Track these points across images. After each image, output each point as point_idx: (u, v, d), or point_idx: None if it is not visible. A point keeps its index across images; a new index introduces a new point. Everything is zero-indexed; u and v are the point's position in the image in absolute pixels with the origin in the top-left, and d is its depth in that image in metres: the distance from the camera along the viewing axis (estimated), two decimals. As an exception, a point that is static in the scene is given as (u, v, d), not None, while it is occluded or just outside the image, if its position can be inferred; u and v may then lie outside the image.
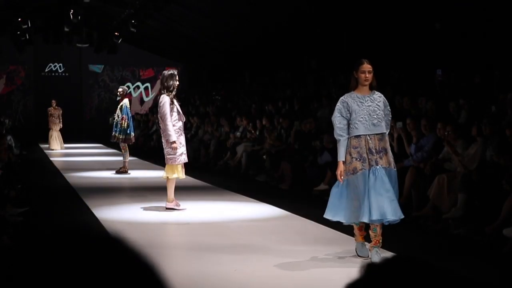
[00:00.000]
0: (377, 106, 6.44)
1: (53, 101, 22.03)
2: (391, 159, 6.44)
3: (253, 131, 15.24)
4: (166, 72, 9.56)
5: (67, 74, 29.88)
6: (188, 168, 10.32)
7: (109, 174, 14.67)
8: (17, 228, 7.71)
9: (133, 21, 20.93)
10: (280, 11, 17.03)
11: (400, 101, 11.49)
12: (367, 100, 6.44)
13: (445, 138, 8.79)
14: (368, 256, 6.41)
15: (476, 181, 7.89)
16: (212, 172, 15.27)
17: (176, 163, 9.41)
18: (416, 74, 12.92)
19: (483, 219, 7.57)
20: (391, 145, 9.84)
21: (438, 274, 1.12)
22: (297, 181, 12.06)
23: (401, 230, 8.11)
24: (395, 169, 6.46)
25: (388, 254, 6.04)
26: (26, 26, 21.57)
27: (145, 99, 30.62)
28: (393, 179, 6.37)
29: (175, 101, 9.38)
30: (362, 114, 6.38)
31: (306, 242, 7.28)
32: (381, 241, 6.36)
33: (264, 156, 13.75)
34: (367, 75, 6.42)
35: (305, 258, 6.50)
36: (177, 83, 9.46)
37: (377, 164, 6.29)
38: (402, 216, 6.36)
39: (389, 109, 6.61)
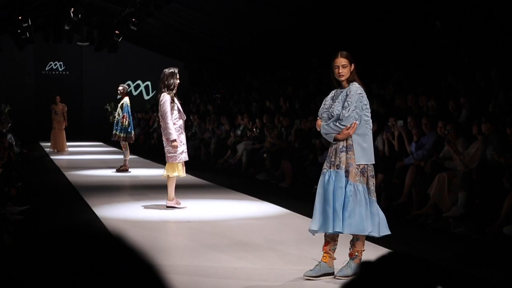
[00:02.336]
0: (336, 102, 5.85)
1: (58, 97, 21.43)
2: (342, 159, 5.80)
3: (253, 130, 15.23)
4: (166, 70, 9.54)
5: (67, 72, 29.82)
6: (189, 166, 10.32)
7: (110, 173, 14.67)
8: (17, 226, 7.71)
9: (133, 20, 20.90)
10: (281, 10, 17.01)
11: (401, 100, 11.48)
12: (337, 96, 5.86)
13: (445, 137, 8.79)
14: (311, 276, 5.72)
15: (476, 180, 7.90)
16: (213, 170, 15.27)
17: (177, 161, 9.41)
18: (417, 73, 12.91)
19: (484, 217, 7.58)
20: (391, 144, 9.93)
21: (438, 272, 1.13)
22: (298, 179, 12.06)
23: (402, 229, 8.13)
24: (343, 171, 5.79)
25: (388, 252, 6.03)
26: (26, 24, 21.52)
27: (146, 97, 30.54)
28: (334, 186, 5.79)
29: (175, 99, 9.37)
30: (325, 112, 5.93)
31: (306, 241, 7.27)
32: (357, 254, 5.81)
33: (265, 155, 13.75)
34: (340, 70, 5.78)
35: (305, 256, 6.50)
36: (178, 81, 9.45)
37: (333, 167, 5.89)
38: (341, 231, 5.68)
39: (349, 101, 5.73)
